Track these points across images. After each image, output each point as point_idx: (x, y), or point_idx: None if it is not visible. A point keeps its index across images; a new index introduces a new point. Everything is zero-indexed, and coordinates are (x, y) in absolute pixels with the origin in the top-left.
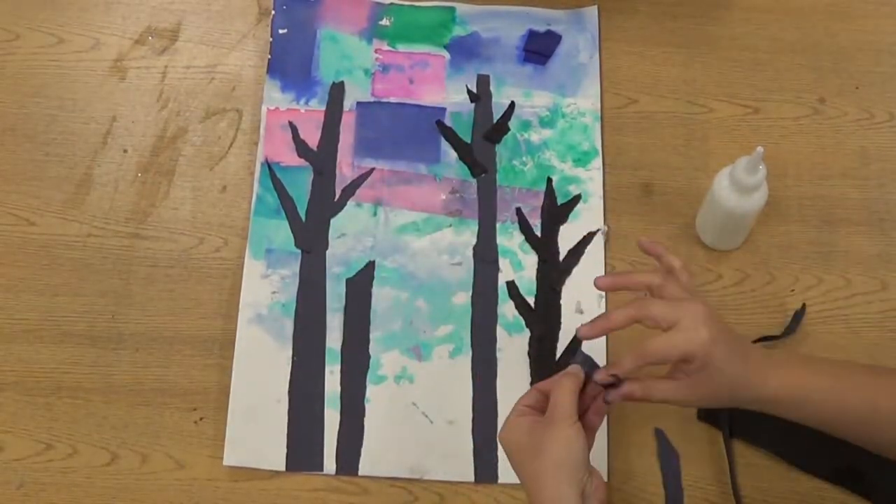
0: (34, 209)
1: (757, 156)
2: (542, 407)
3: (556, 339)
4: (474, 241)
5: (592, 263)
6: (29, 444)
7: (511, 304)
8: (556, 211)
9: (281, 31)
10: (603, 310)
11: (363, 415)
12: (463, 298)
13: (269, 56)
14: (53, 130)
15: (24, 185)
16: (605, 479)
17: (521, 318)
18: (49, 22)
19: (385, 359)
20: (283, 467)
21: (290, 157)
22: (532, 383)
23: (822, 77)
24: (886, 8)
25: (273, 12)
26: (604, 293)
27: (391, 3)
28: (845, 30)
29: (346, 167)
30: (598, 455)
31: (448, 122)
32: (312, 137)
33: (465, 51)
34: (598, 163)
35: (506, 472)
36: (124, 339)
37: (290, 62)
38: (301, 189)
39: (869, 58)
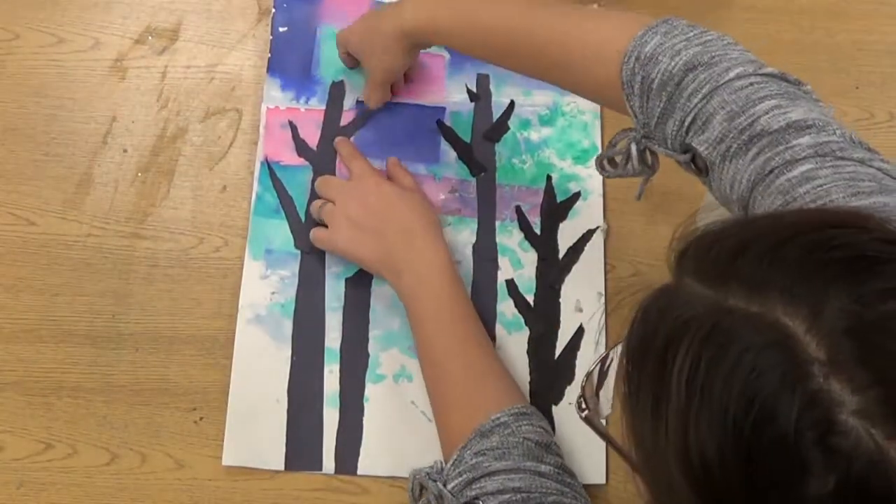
0: (34, 209)
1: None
2: None
3: (555, 337)
4: (474, 239)
5: (592, 261)
6: (29, 444)
7: (510, 302)
8: (556, 208)
9: (281, 30)
10: (602, 307)
11: (362, 414)
12: None
13: (269, 54)
14: (53, 130)
15: (24, 185)
16: (605, 479)
17: (520, 316)
18: (49, 22)
19: (384, 357)
20: (282, 467)
21: (289, 157)
22: (531, 382)
23: (822, 77)
24: (886, 8)
25: (273, 10)
26: (602, 292)
27: (391, 2)
28: (845, 30)
29: (345, 167)
30: (598, 455)
31: (448, 121)
32: (312, 136)
33: None
34: None
35: None
36: (124, 339)
37: (291, 61)
38: (301, 188)
39: (869, 58)
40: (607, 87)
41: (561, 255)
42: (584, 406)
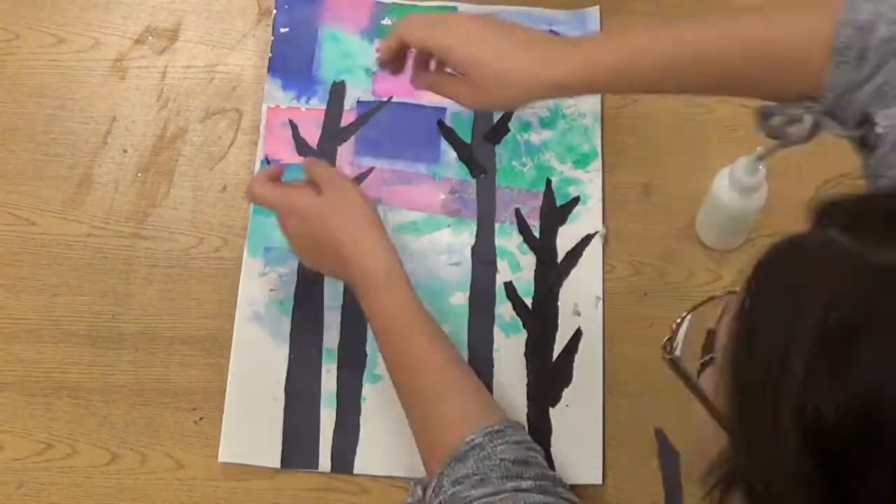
0: (34, 209)
1: (757, 156)
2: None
3: (552, 340)
4: (473, 241)
5: (590, 265)
6: (29, 444)
7: (508, 304)
8: (555, 212)
9: (282, 30)
10: (600, 311)
11: (359, 413)
12: (461, 299)
13: (270, 54)
14: (53, 130)
15: (24, 185)
16: (601, 480)
17: (518, 318)
18: (49, 22)
19: (381, 358)
20: (278, 464)
21: (290, 156)
22: (529, 384)
23: None
24: None
25: (275, 11)
26: (601, 297)
27: (393, 3)
28: None
29: (345, 166)
30: (594, 456)
31: (448, 122)
32: (312, 136)
33: None
34: (597, 164)
35: None
36: (124, 339)
37: (292, 61)
38: None
39: None
40: (805, 68)
41: (559, 258)
42: (670, 350)
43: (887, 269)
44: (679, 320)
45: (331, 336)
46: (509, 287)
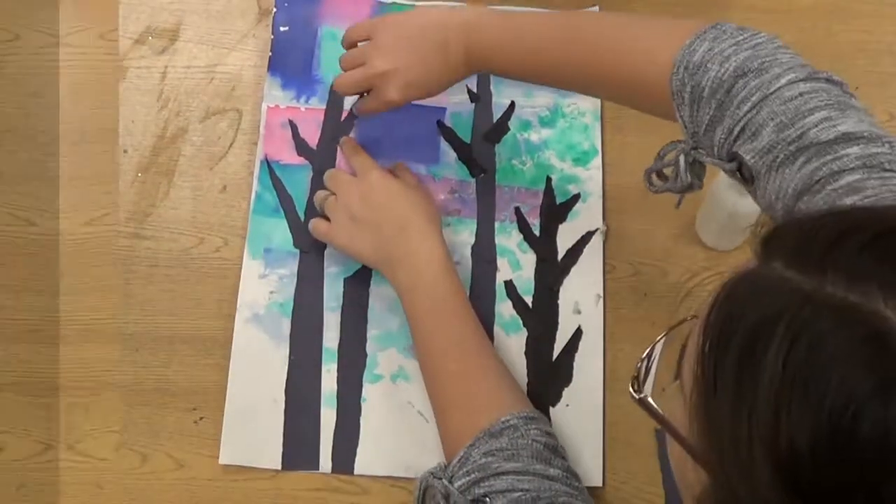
0: (34, 209)
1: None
2: None
3: (553, 338)
4: (473, 240)
5: (591, 263)
6: (29, 444)
7: (509, 303)
8: (555, 210)
9: (282, 29)
10: (600, 310)
11: (359, 414)
12: None
13: (270, 53)
14: (53, 130)
15: (24, 185)
16: (602, 482)
17: (518, 317)
18: (49, 22)
19: (381, 357)
20: (278, 466)
21: (289, 156)
22: (529, 383)
23: None
24: (886, 8)
25: (275, 9)
26: (601, 294)
27: (393, 2)
28: (845, 30)
29: (345, 166)
30: (595, 458)
31: (448, 121)
32: (312, 136)
33: None
34: (597, 162)
35: None
36: (124, 339)
37: (291, 60)
38: (300, 187)
39: (869, 58)
40: (658, 98)
41: (560, 256)
42: (638, 389)
43: (839, 301)
44: (644, 356)
45: (331, 336)
46: (509, 285)
